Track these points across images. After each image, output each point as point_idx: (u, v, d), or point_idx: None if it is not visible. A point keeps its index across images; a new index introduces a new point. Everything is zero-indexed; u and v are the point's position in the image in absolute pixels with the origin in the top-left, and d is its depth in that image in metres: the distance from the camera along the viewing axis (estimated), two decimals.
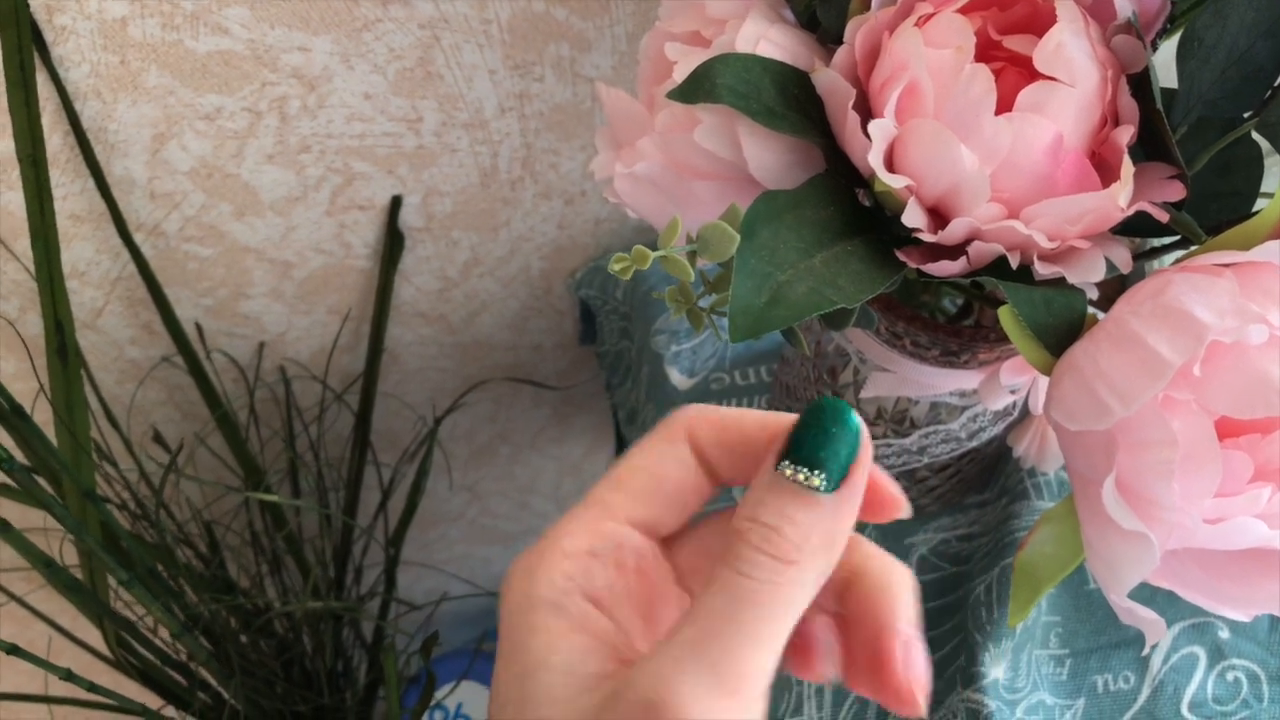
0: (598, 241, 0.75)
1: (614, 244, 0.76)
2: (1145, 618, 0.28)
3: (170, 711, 0.71)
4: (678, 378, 0.64)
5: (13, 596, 0.65)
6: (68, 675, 0.51)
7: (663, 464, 0.24)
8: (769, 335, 0.30)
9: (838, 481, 0.22)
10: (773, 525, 0.21)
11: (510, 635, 0.22)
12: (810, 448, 0.22)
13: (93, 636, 0.66)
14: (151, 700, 0.68)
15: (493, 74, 0.59)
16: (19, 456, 0.57)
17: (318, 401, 0.79)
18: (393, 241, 0.68)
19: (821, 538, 0.21)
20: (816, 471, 0.22)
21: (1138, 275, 0.37)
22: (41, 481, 0.55)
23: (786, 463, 0.22)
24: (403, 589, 1.01)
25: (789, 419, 0.23)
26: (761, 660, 0.20)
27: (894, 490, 0.24)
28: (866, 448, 0.22)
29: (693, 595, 0.25)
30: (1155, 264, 0.46)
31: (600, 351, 0.78)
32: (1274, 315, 0.25)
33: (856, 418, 0.22)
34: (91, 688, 0.54)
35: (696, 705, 0.19)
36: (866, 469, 0.22)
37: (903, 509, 0.24)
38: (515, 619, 0.22)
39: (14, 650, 0.49)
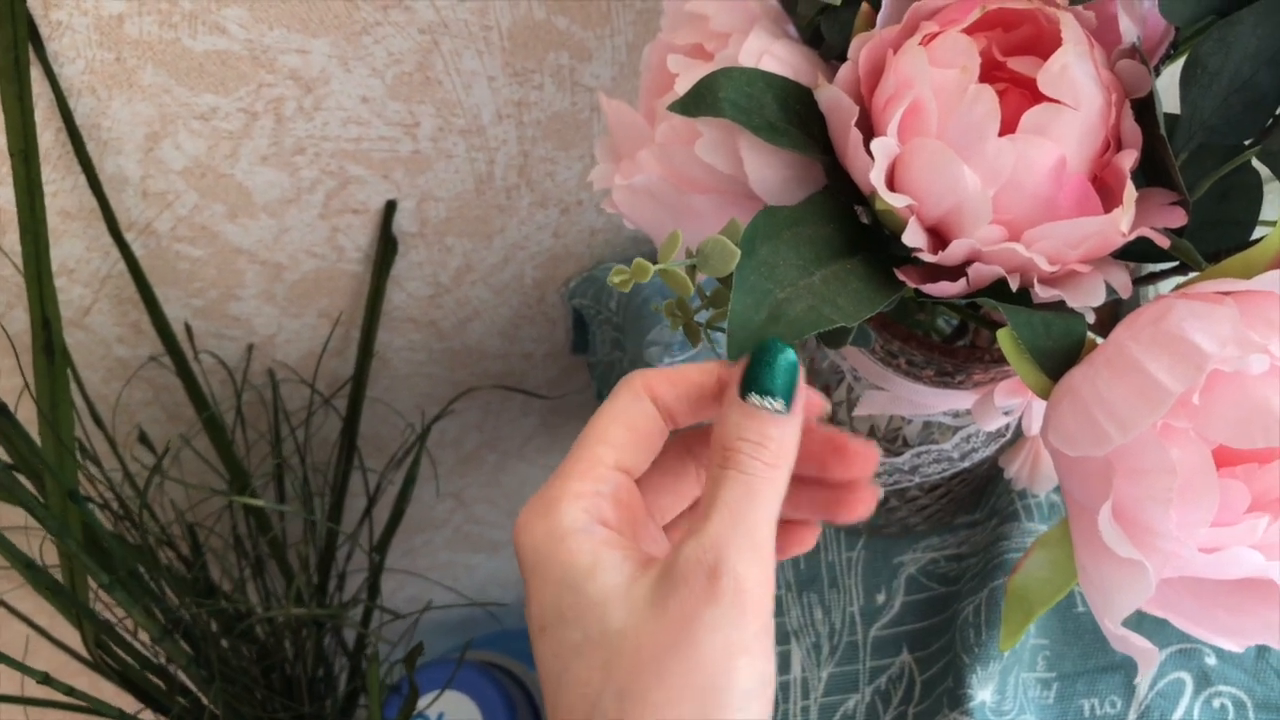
0: (592, 251, 0.75)
1: (609, 254, 0.76)
2: (1138, 645, 0.28)
3: (148, 715, 0.70)
4: None
5: None
6: (45, 679, 0.51)
7: (633, 418, 0.30)
8: None
9: (790, 403, 0.29)
10: (757, 441, 0.28)
11: (543, 564, 0.28)
12: (766, 381, 0.29)
13: (70, 637, 0.65)
14: (129, 704, 0.68)
15: (491, 81, 0.59)
16: (0, 454, 0.56)
17: (305, 405, 0.78)
18: (386, 246, 0.68)
19: (791, 444, 0.29)
20: (777, 399, 0.28)
21: (1133, 302, 0.37)
22: (22, 480, 0.55)
23: (754, 395, 0.28)
24: (385, 596, 1.00)
25: (733, 365, 0.29)
26: (771, 531, 0.28)
27: (818, 398, 0.31)
28: (802, 373, 0.29)
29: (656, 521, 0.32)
30: (1151, 289, 0.46)
31: (592, 361, 0.77)
32: (1275, 345, 0.25)
33: (792, 352, 0.29)
34: (69, 691, 0.53)
35: (741, 562, 0.26)
36: (804, 389, 0.29)
37: (823, 408, 0.31)
38: (545, 549, 0.28)
39: None
